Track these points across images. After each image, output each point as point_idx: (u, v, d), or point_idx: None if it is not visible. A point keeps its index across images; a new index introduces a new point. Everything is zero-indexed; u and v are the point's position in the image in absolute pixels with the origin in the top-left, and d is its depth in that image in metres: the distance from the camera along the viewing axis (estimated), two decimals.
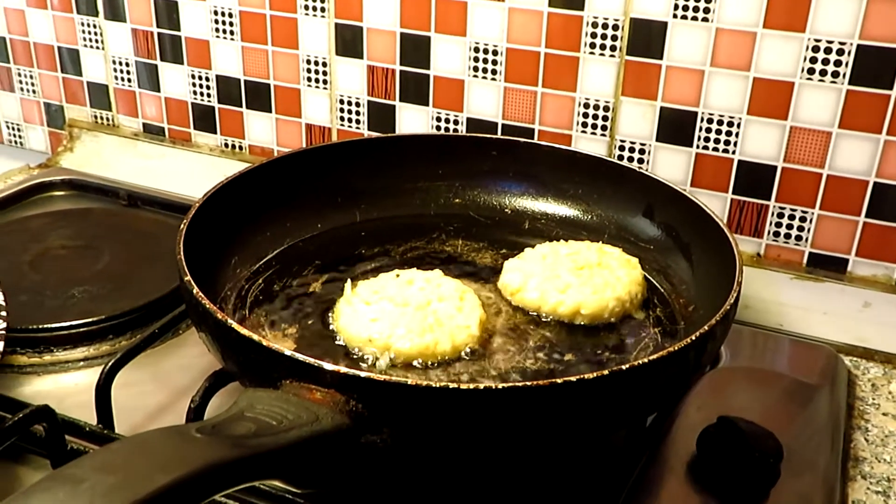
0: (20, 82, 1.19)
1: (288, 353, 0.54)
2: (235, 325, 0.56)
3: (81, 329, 0.77)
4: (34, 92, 1.19)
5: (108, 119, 1.16)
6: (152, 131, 1.14)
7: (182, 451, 0.40)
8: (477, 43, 0.92)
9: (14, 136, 1.24)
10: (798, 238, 0.87)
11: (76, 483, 0.36)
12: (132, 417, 0.70)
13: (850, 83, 0.80)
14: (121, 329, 0.78)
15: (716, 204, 0.88)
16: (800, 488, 0.64)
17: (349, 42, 0.98)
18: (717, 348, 0.62)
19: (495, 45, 0.92)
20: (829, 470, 0.67)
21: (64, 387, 0.74)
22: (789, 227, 0.87)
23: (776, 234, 0.87)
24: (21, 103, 1.21)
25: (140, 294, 0.81)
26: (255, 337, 0.55)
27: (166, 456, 0.39)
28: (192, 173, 1.09)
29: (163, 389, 0.73)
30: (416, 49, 0.95)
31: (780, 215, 0.87)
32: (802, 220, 0.86)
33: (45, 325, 0.76)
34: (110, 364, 0.67)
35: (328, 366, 0.53)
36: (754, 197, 0.87)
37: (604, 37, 0.87)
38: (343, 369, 0.52)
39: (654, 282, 0.78)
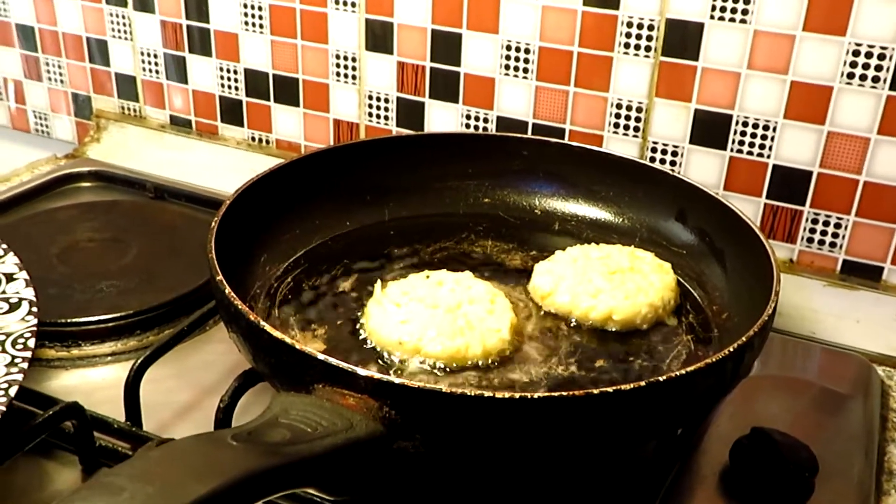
0: (48, 72, 1.19)
1: (321, 357, 0.53)
2: (268, 328, 0.56)
3: (109, 324, 0.77)
4: (62, 82, 1.19)
5: (135, 110, 1.16)
6: (179, 123, 1.14)
7: (218, 459, 0.40)
8: (509, 41, 0.91)
9: (41, 125, 1.24)
10: (832, 245, 0.85)
11: (115, 493, 0.35)
12: (159, 414, 0.70)
13: (890, 88, 0.78)
14: (148, 324, 0.78)
15: (749, 208, 0.87)
16: (833, 501, 0.63)
17: (379, 37, 0.97)
18: (754, 359, 0.61)
19: (527, 44, 0.91)
20: (863, 483, 0.66)
21: (91, 381, 0.74)
22: (823, 233, 0.85)
23: (810, 240, 0.86)
24: (49, 93, 1.21)
25: (167, 289, 0.81)
26: (288, 340, 0.55)
27: (202, 464, 0.39)
28: (218, 167, 1.09)
29: (190, 386, 0.73)
30: (446, 46, 0.94)
31: (815, 221, 0.85)
32: (837, 226, 0.85)
33: (74, 320, 0.76)
34: (140, 361, 0.67)
35: (362, 371, 0.52)
36: (788, 202, 0.86)
37: (638, 37, 0.86)
38: (377, 375, 0.52)
39: (688, 287, 0.77)
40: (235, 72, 1.06)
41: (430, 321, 0.67)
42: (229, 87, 1.08)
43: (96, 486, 0.36)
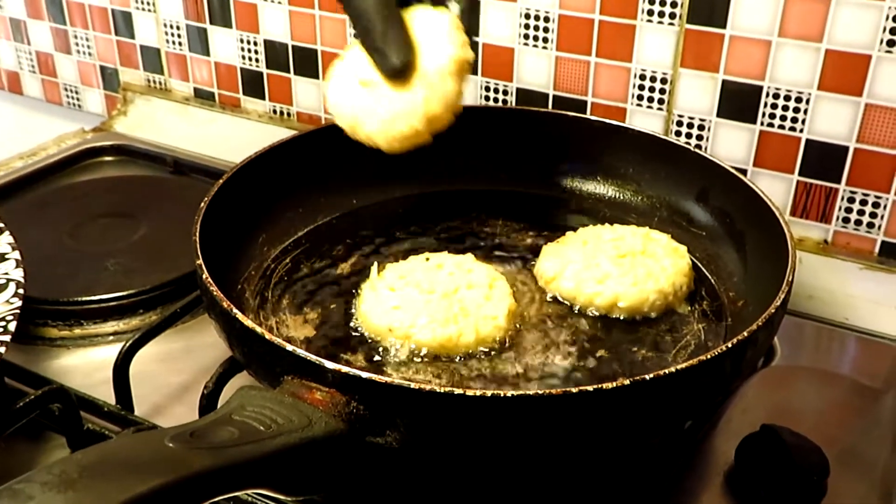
0: (77, 44, 1.19)
1: (290, 348, 0.51)
2: (240, 316, 0.54)
3: (111, 303, 0.76)
4: (90, 54, 1.19)
5: (160, 83, 1.15)
6: (203, 96, 1.12)
7: (148, 464, 0.38)
8: (528, 9, 0.87)
9: (72, 98, 1.24)
10: (870, 225, 0.80)
11: (21, 501, 0.34)
12: (155, 396, 0.69)
13: None
14: (151, 304, 0.77)
15: (781, 186, 0.82)
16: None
17: None
18: (759, 355, 0.57)
19: (547, 12, 0.86)
20: (887, 483, 0.61)
21: (92, 361, 0.74)
22: (860, 212, 0.80)
23: (846, 220, 0.81)
24: (78, 66, 1.21)
25: (173, 268, 0.79)
26: (259, 330, 0.53)
27: (128, 470, 0.37)
28: (240, 140, 1.07)
29: (189, 369, 0.72)
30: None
31: (851, 200, 0.80)
32: (875, 205, 0.79)
33: (76, 299, 0.76)
34: (128, 344, 0.66)
35: (329, 364, 0.50)
36: (823, 179, 0.80)
37: (662, 3, 0.81)
38: (344, 369, 0.50)
39: (705, 272, 0.73)
40: (255, 43, 1.04)
41: (422, 307, 0.64)
42: (250, 58, 1.06)
43: (3, 492, 0.34)
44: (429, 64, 0.64)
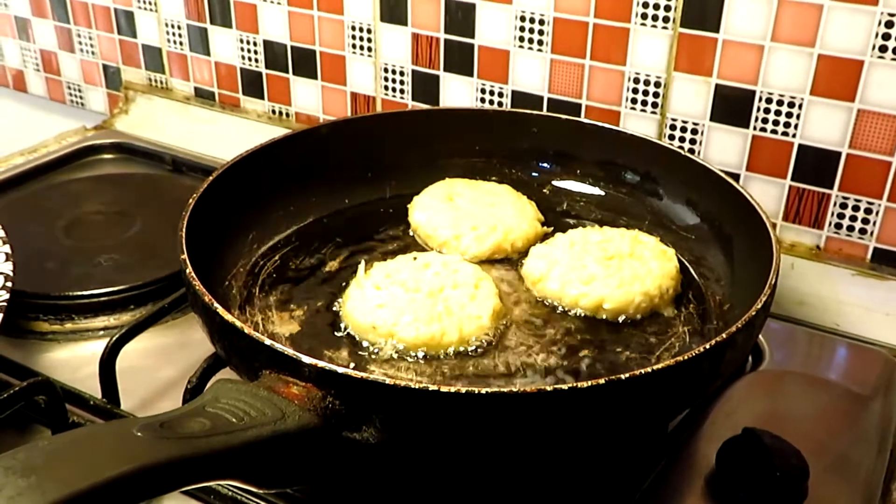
0: (80, 43, 1.20)
1: (267, 342, 0.51)
2: (219, 310, 0.54)
3: (102, 298, 0.77)
4: (93, 53, 1.19)
5: (162, 82, 1.16)
6: (203, 95, 1.13)
7: (114, 451, 0.38)
8: (523, 12, 0.87)
9: (75, 96, 1.25)
10: (862, 231, 0.79)
11: None
12: (142, 390, 0.69)
13: None
14: (141, 300, 0.78)
15: (773, 191, 0.81)
16: None
17: (394, 8, 0.94)
18: (739, 358, 0.57)
19: (542, 15, 0.86)
20: (870, 488, 0.61)
21: (82, 355, 0.74)
22: (853, 218, 0.79)
23: (838, 225, 0.80)
24: (81, 64, 1.22)
25: (165, 264, 0.80)
26: (238, 324, 0.53)
27: (94, 457, 0.38)
28: (239, 139, 1.08)
29: (180, 363, 0.72)
30: (460, 17, 0.90)
31: (844, 206, 0.79)
32: (868, 211, 0.78)
33: (67, 293, 0.76)
34: (115, 339, 0.66)
35: (306, 359, 0.50)
36: (815, 185, 0.80)
37: (656, 7, 0.81)
38: (320, 363, 0.50)
39: (693, 275, 0.73)
40: (255, 43, 1.05)
41: (407, 306, 0.64)
42: (250, 59, 1.06)
43: None
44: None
